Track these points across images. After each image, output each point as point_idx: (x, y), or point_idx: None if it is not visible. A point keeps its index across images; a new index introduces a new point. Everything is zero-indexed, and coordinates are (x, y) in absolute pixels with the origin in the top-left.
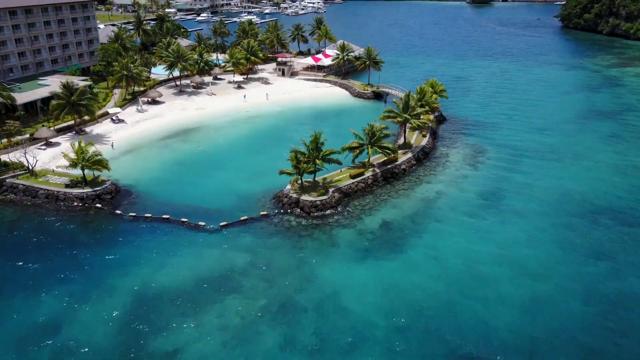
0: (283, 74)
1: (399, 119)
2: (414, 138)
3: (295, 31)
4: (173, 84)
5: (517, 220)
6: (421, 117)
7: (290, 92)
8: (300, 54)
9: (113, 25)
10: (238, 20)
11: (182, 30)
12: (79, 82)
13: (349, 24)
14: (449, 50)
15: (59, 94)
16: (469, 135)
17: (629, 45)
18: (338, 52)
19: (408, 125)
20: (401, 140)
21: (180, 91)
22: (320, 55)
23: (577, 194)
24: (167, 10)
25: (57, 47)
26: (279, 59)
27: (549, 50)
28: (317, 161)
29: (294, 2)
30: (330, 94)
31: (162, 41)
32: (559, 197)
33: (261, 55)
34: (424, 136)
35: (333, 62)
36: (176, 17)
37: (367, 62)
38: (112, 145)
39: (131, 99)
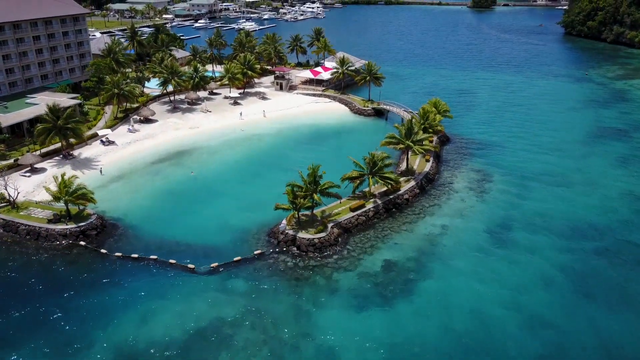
0: (281, 88)
1: (401, 146)
2: (416, 163)
3: (293, 42)
4: (167, 99)
5: (528, 258)
6: (424, 143)
7: (288, 109)
8: (299, 65)
9: (109, 33)
10: (236, 26)
11: (178, 40)
12: (68, 100)
13: (348, 30)
14: (451, 60)
15: (45, 117)
16: (474, 158)
17: (633, 55)
18: (337, 67)
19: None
20: (403, 166)
21: (174, 108)
22: (319, 69)
23: (591, 228)
24: (164, 16)
25: (47, 62)
26: (277, 73)
27: (552, 60)
28: (315, 196)
29: (293, 7)
30: (330, 111)
31: (155, 55)
32: (572, 231)
33: (258, 69)
34: (427, 161)
35: (332, 77)
36: (174, 24)
37: (368, 78)
38: (101, 171)
39: (123, 117)
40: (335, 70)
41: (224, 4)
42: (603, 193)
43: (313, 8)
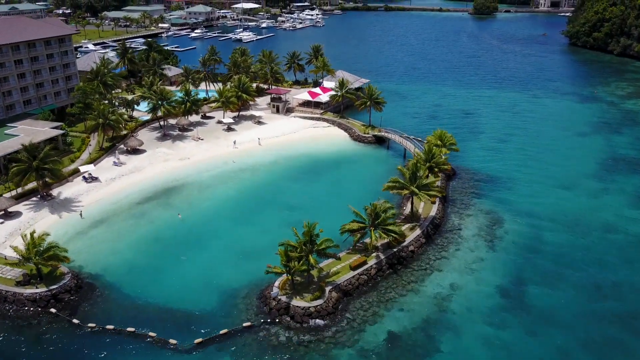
0: (278, 111)
1: (406, 192)
2: (421, 206)
3: (291, 59)
4: (157, 124)
5: (547, 330)
6: (431, 187)
7: (285, 135)
8: (297, 83)
9: (102, 44)
10: (233, 36)
11: (172, 57)
12: (50, 130)
13: (347, 41)
14: (453, 75)
15: (20, 157)
16: (482, 196)
17: None
18: (336, 89)
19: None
20: (407, 209)
21: (164, 135)
22: (317, 90)
23: (614, 290)
24: (160, 25)
25: (30, 87)
26: (273, 95)
27: (558, 75)
28: (311, 258)
29: (292, 14)
30: (329, 137)
31: (145, 79)
32: (593, 295)
33: (254, 91)
34: (433, 203)
35: (331, 99)
36: (169, 33)
37: (368, 103)
38: (81, 214)
39: (110, 147)
40: (334, 93)
41: (222, 11)
42: (623, 240)
43: (312, 15)
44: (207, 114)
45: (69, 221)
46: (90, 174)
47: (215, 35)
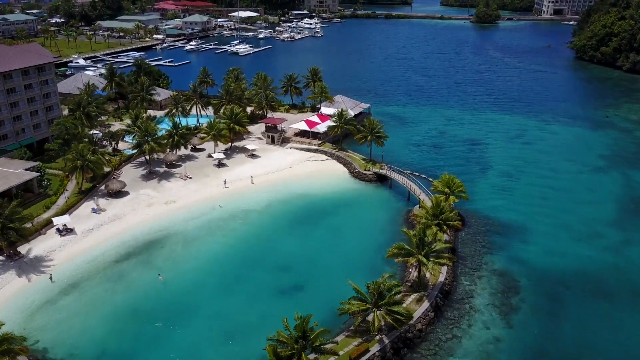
0: (273, 142)
1: (412, 260)
2: (428, 271)
3: (287, 82)
4: (143, 158)
5: None
6: (440, 255)
7: (280, 170)
8: (294, 107)
9: (93, 58)
10: (229, 49)
11: (162, 78)
12: (24, 173)
13: (346, 53)
14: (457, 96)
15: None
16: (494, 253)
17: None
18: (335, 120)
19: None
20: (413, 275)
21: (150, 173)
22: (315, 118)
23: None
24: (155, 36)
25: (7, 121)
26: (268, 124)
27: (566, 94)
28: (304, 358)
29: (290, 22)
30: (326, 173)
31: (130, 111)
32: None
33: (247, 120)
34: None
35: (329, 130)
36: (164, 45)
37: (369, 137)
38: (51, 278)
39: (90, 189)
40: (332, 124)
41: (219, 20)
42: None
43: (311, 24)
44: (197, 146)
45: (37, 286)
46: (65, 225)
47: (211, 47)
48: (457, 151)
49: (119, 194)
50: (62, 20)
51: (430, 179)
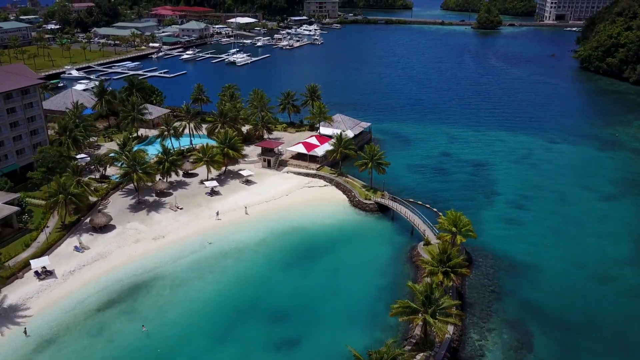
0: (269, 165)
1: (418, 320)
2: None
3: (285, 100)
4: (132, 185)
5: None
6: (449, 312)
7: (276, 198)
8: (291, 125)
9: (88, 69)
10: (226, 58)
11: (155, 95)
12: (2, 207)
13: (345, 63)
14: (460, 111)
15: None
16: (504, 299)
17: None
18: (334, 144)
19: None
20: (417, 331)
21: (139, 203)
22: (313, 139)
23: None
24: (151, 44)
25: None
26: (264, 147)
27: (573, 109)
28: None
29: (289, 28)
30: (325, 202)
31: (118, 135)
32: None
33: (241, 144)
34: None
35: (328, 154)
36: (160, 54)
37: (370, 165)
38: (25, 331)
39: (74, 222)
40: (331, 148)
41: (216, 26)
42: None
43: (310, 30)
44: (189, 171)
45: (10, 341)
46: (44, 267)
47: (207, 56)
48: (461, 175)
49: (104, 228)
50: (58, 26)
51: (435, 209)
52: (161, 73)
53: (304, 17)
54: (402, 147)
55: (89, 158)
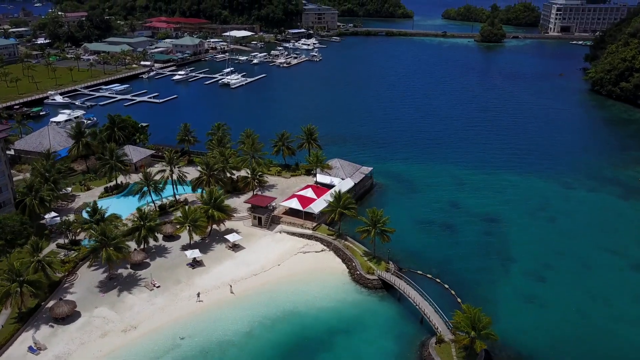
0: (260, 223)
1: None
2: None
3: (279, 141)
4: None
5: None
6: None
7: (266, 270)
8: (286, 167)
9: (73, 93)
10: (220, 80)
11: (140, 132)
12: None
13: (344, 83)
14: (467, 146)
15: None
16: None
17: None
18: (332, 204)
19: None
20: None
21: (110, 279)
22: (309, 191)
23: None
24: (142, 62)
25: None
26: (253, 204)
27: (587, 143)
28: None
29: (287, 42)
30: (322, 274)
31: (87, 211)
32: None
33: (228, 206)
34: None
35: (326, 215)
36: (151, 74)
37: (373, 233)
38: None
39: (34, 309)
40: (329, 203)
41: (212, 40)
42: None
43: (308, 44)
44: (171, 232)
45: None
46: None
47: (201, 76)
48: (472, 234)
49: (67, 318)
50: (47, 41)
51: (446, 286)
52: (150, 97)
53: (302, 30)
54: (406, 194)
55: (58, 218)
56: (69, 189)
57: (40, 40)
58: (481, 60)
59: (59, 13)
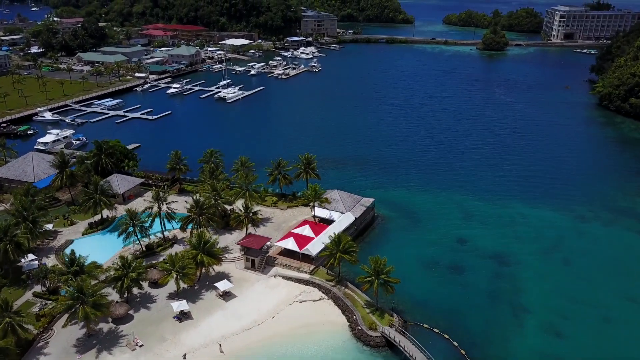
0: (253, 266)
1: None
2: None
3: (275, 171)
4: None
5: None
6: None
7: (258, 323)
8: (283, 197)
9: (64, 108)
10: (216, 94)
11: (128, 160)
12: None
13: (343, 97)
14: (473, 172)
15: None
16: None
17: None
18: (330, 247)
19: None
20: None
21: (88, 336)
22: (306, 229)
23: None
24: (137, 74)
25: None
26: (247, 245)
27: (598, 165)
28: None
29: (286, 50)
30: (320, 329)
31: (65, 261)
32: None
33: (219, 250)
34: None
35: (325, 260)
36: (146, 87)
37: (376, 284)
38: None
39: None
40: (327, 248)
41: (209, 49)
42: None
43: (307, 53)
44: (157, 279)
45: None
46: None
47: (196, 89)
48: (481, 278)
49: None
50: (41, 50)
51: (455, 344)
52: (143, 114)
53: (301, 38)
54: (410, 229)
55: (36, 262)
56: (50, 225)
57: (34, 49)
58: (484, 70)
59: (55, 19)
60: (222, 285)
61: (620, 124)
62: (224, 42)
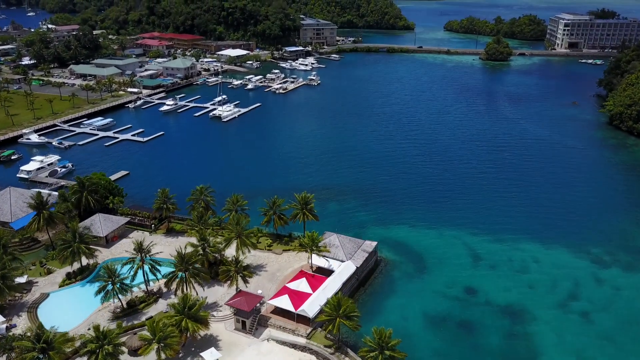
0: (244, 327)
1: None
2: None
3: (270, 211)
4: None
5: None
6: None
7: None
8: (278, 238)
9: (52, 128)
10: (211, 111)
11: (114, 195)
12: None
13: (342, 114)
14: (480, 206)
15: None
16: None
17: None
18: (327, 309)
19: None
20: None
21: None
22: (303, 284)
23: None
24: (130, 89)
25: None
26: (236, 306)
27: (612, 196)
28: None
29: (285, 61)
30: None
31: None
32: None
33: (205, 314)
34: None
35: (323, 320)
36: (138, 103)
37: (379, 357)
38: None
39: None
40: (327, 315)
41: (205, 60)
42: None
43: (306, 64)
44: (136, 347)
45: None
46: None
47: (191, 105)
48: (493, 337)
49: None
50: (33, 62)
51: None
52: (134, 135)
53: (300, 48)
54: (415, 275)
55: (4, 327)
56: (24, 278)
57: (25, 61)
58: (488, 83)
59: (50, 26)
60: (209, 356)
61: (634, 147)
62: (220, 52)
